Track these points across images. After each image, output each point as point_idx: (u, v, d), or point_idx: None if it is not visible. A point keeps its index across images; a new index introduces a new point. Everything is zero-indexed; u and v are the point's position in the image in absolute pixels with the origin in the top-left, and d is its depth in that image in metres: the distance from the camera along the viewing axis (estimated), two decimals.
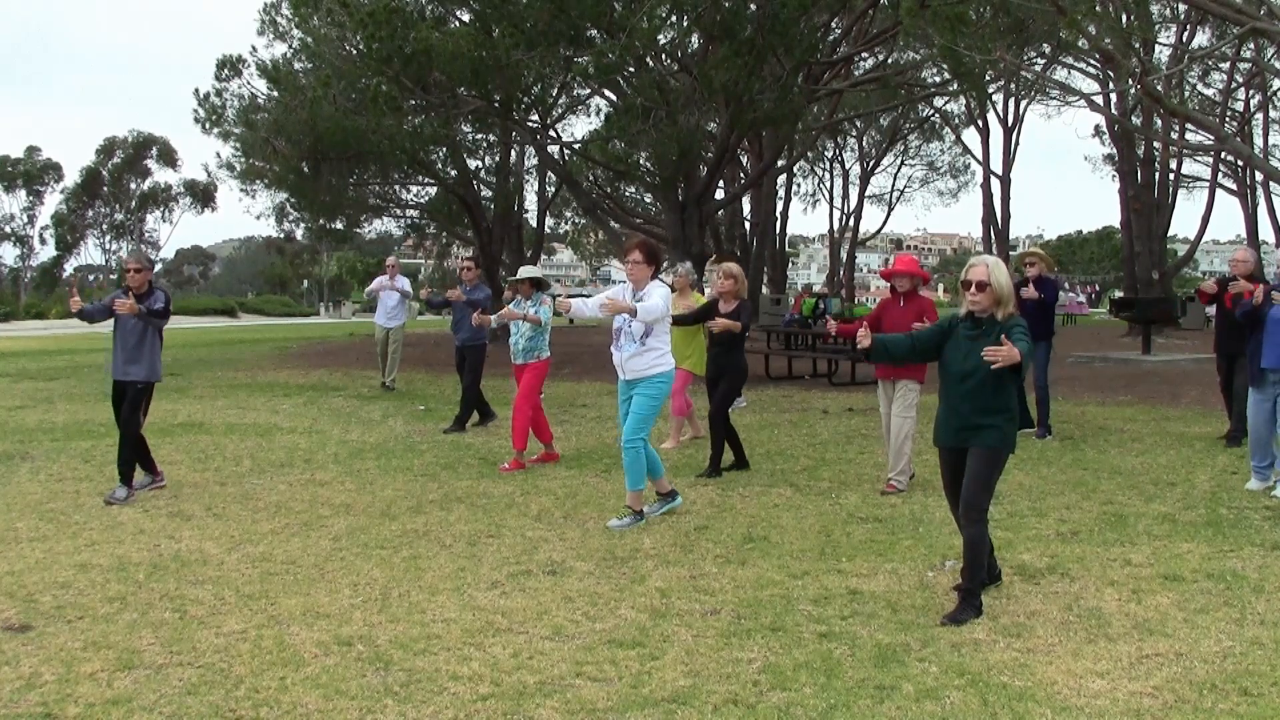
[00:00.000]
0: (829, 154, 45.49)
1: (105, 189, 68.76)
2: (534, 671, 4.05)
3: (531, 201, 28.44)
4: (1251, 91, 32.34)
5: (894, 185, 50.65)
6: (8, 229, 70.16)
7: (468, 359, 10.61)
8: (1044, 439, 9.68)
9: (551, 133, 21.52)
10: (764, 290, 30.12)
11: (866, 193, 47.71)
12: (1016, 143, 38.61)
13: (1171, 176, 32.34)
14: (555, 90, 19.32)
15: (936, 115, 38.73)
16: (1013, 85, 32.74)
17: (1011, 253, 34.65)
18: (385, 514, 6.77)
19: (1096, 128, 39.12)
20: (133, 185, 69.35)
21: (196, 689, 3.86)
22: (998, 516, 6.51)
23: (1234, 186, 37.05)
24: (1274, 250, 49.59)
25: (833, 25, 18.64)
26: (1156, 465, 8.40)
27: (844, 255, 48.59)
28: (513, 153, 25.32)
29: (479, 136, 23.25)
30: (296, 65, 21.47)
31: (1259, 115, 33.35)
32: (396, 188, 26.20)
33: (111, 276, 66.50)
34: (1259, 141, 32.44)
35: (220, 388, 14.73)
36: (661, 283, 6.77)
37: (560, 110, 22.42)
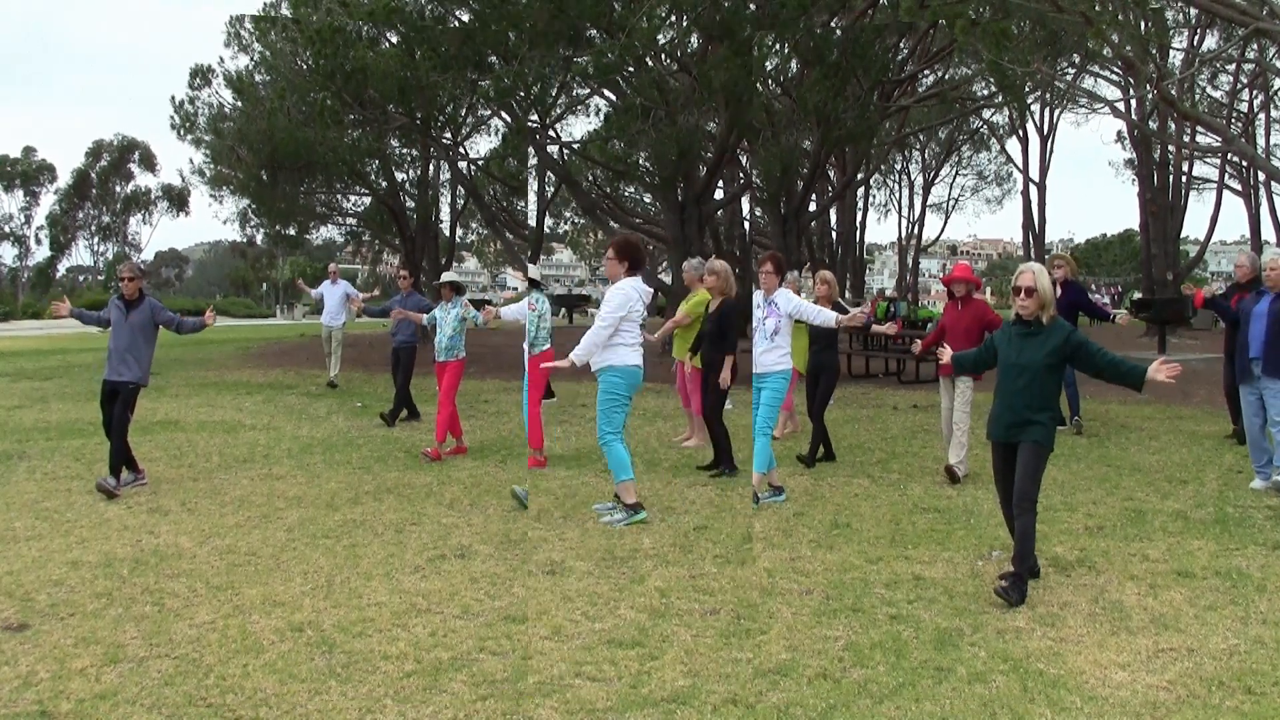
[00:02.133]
0: (898, 166, 48.67)
1: (94, 191, 69.49)
2: (534, 671, 4.04)
3: (447, 213, 30.87)
4: (1254, 92, 32.50)
5: (949, 194, 53.48)
6: (6, 229, 70.35)
7: (401, 359, 11.35)
8: (1074, 433, 10.17)
9: (551, 132, 21.56)
10: (847, 294, 30.52)
11: (927, 202, 50.51)
12: (1051, 150, 40.42)
13: (1184, 179, 32.87)
14: (555, 90, 19.48)
15: (985, 127, 40.81)
16: (1047, 95, 34.15)
17: (1045, 255, 35.79)
18: (330, 505, 7.12)
19: (1119, 133, 40.77)
20: (117, 188, 70.26)
21: (173, 680, 4.00)
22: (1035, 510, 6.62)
23: (1239, 187, 37.33)
24: (1278, 251, 49.73)
25: (901, 46, 20.04)
26: (1171, 463, 8.64)
27: (910, 261, 52.01)
28: (432, 166, 26.06)
29: (405, 150, 23.89)
30: (258, 77, 22.75)
31: (1261, 115, 33.53)
32: (339, 197, 27.69)
33: (99, 278, 67.01)
34: (1262, 141, 32.62)
35: (193, 386, 15.19)
36: (631, 284, 6.67)
37: (560, 110, 22.52)
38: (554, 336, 9.04)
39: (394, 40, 17.85)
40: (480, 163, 24.02)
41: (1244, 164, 33.98)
